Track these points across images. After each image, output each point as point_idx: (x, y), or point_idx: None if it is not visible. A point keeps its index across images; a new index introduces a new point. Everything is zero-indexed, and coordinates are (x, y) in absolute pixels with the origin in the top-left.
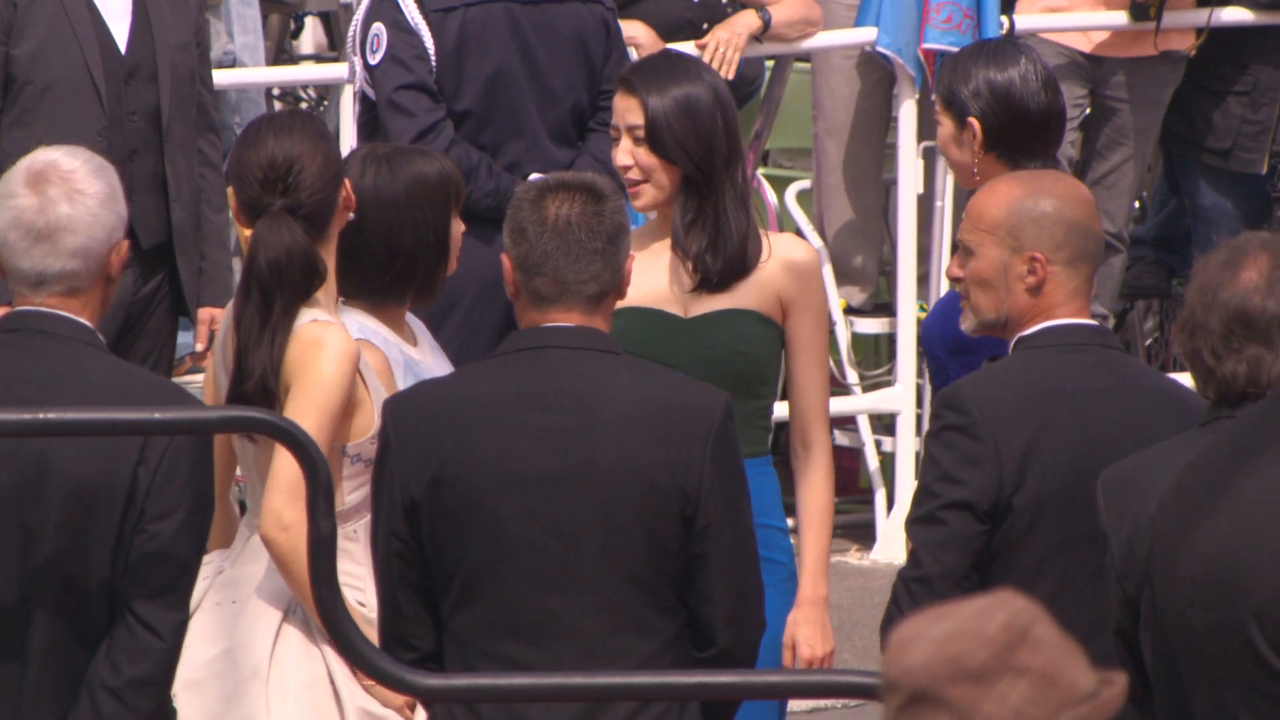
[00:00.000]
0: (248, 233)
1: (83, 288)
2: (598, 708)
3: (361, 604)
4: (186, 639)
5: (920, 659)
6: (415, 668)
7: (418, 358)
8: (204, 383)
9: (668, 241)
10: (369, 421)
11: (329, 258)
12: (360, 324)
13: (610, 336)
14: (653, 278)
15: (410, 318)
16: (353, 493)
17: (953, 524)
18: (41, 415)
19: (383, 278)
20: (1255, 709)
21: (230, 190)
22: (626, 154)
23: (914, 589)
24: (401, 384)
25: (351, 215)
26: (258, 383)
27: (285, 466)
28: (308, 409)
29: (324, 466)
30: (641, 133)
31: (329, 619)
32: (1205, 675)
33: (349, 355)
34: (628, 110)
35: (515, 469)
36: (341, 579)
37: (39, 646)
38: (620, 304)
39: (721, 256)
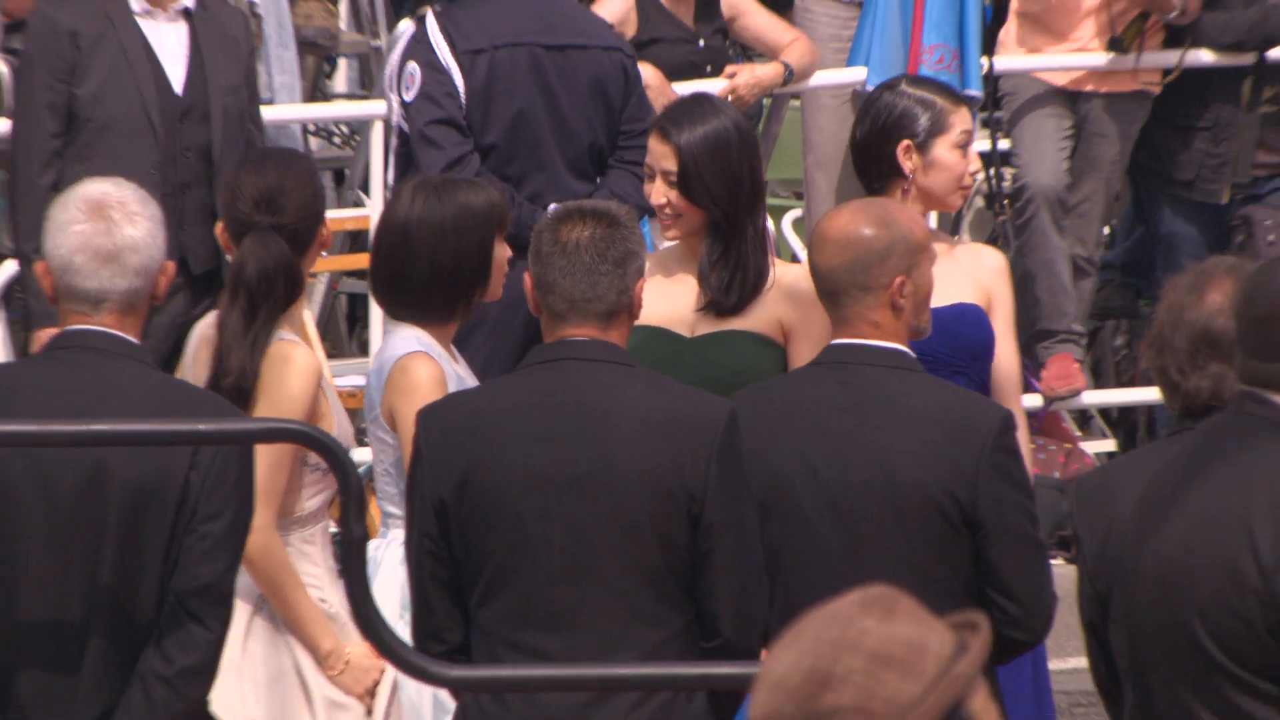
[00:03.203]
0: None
1: (137, 305)
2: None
3: (323, 600)
4: None
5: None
6: (441, 660)
7: (461, 373)
8: None
9: (684, 267)
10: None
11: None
12: (418, 338)
13: (623, 350)
14: (665, 299)
15: None
16: (311, 499)
17: None
18: (95, 426)
19: (427, 297)
20: (1204, 700)
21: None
22: (661, 194)
23: None
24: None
25: (324, 253)
26: (234, 381)
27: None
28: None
29: (355, 475)
30: (674, 178)
31: (361, 615)
32: (1162, 668)
33: (313, 372)
34: (663, 156)
35: (536, 472)
36: (303, 580)
37: (97, 638)
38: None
39: (737, 291)
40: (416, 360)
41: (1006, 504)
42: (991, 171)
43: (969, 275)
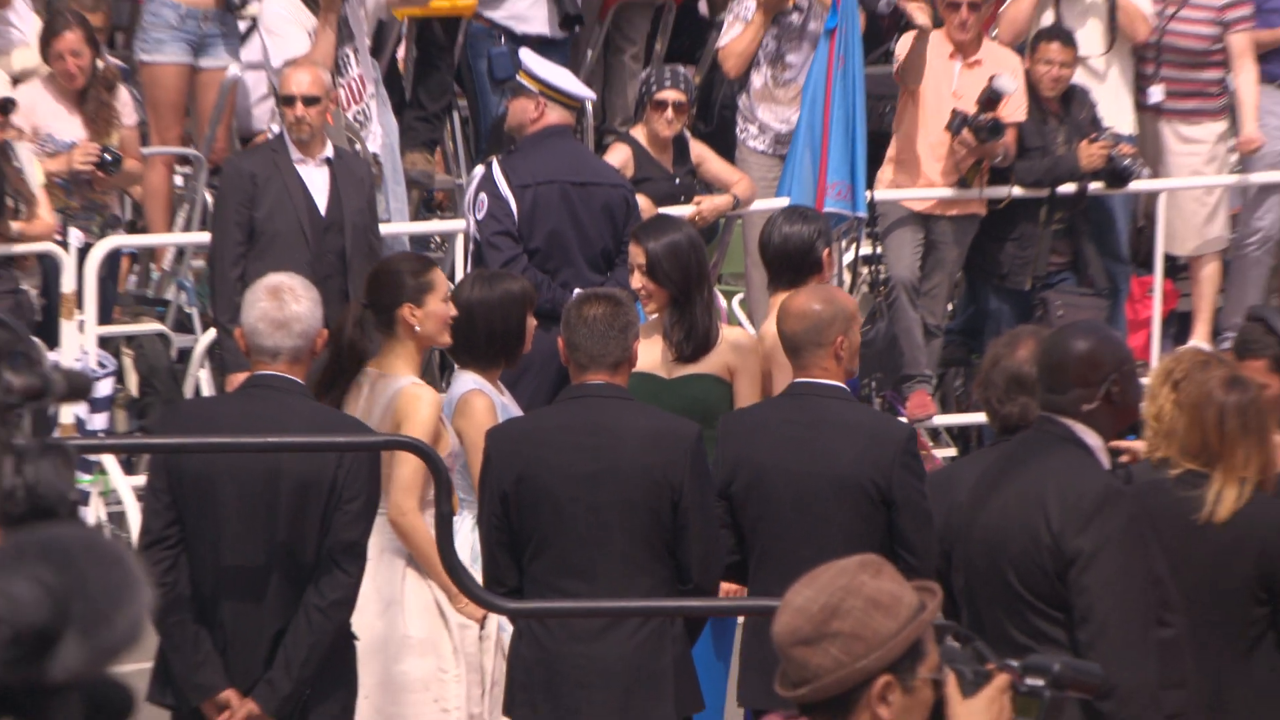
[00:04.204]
0: None
1: (301, 358)
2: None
3: None
4: None
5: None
6: (504, 596)
7: (507, 404)
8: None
9: (661, 332)
10: (445, 445)
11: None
12: (474, 379)
13: (625, 389)
14: (650, 353)
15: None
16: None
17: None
18: (273, 439)
19: (482, 352)
20: (1014, 623)
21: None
22: (638, 280)
23: None
24: (500, 420)
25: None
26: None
27: (402, 473)
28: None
29: (445, 471)
30: (645, 268)
31: (449, 565)
32: (987, 600)
33: (438, 404)
34: (637, 254)
35: (569, 471)
36: None
37: (275, 579)
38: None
39: (690, 343)
40: (474, 395)
41: (910, 489)
42: (873, 267)
43: None
